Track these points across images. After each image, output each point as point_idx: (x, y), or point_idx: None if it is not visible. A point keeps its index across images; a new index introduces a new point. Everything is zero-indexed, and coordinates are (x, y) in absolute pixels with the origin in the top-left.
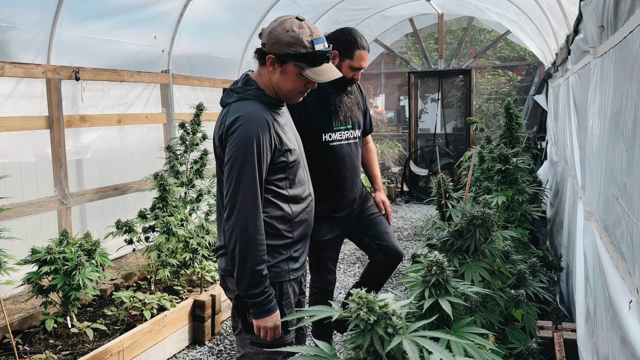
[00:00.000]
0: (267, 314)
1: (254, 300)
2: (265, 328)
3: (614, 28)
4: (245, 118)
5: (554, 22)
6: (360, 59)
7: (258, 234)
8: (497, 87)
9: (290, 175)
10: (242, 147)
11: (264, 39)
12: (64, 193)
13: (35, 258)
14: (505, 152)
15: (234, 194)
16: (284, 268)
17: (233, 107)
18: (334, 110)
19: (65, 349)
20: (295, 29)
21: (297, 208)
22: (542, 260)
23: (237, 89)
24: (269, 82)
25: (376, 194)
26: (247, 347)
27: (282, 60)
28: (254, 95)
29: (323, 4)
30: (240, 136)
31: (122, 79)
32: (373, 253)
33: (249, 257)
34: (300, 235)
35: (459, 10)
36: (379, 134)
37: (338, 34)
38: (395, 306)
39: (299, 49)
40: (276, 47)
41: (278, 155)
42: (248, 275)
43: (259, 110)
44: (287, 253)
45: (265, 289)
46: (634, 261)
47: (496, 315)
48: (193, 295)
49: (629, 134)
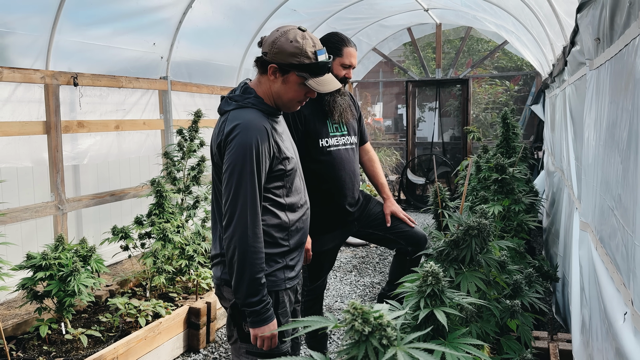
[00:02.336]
0: (264, 322)
1: (252, 309)
2: (262, 337)
3: (609, 41)
4: (245, 126)
5: (550, 33)
6: (349, 55)
7: (257, 242)
8: (495, 97)
9: (288, 184)
10: (242, 155)
11: (266, 48)
12: (60, 198)
13: (30, 264)
14: (502, 161)
15: (233, 201)
16: (280, 277)
17: (232, 115)
18: (328, 110)
19: (59, 355)
20: (299, 40)
21: (294, 216)
22: (538, 270)
23: (236, 96)
24: (269, 90)
25: (385, 204)
26: (242, 357)
27: (284, 70)
28: (252, 104)
29: (322, 13)
30: (239, 144)
31: (120, 85)
32: (394, 243)
33: (247, 265)
34: (296, 243)
35: (457, 20)
36: (377, 142)
37: (326, 37)
38: (390, 317)
39: (303, 60)
40: (279, 57)
41: (276, 164)
42: (246, 283)
43: (258, 118)
44: (283, 262)
45: (263, 297)
46: (629, 273)
47: (492, 326)
48: (188, 302)
49: (624, 146)
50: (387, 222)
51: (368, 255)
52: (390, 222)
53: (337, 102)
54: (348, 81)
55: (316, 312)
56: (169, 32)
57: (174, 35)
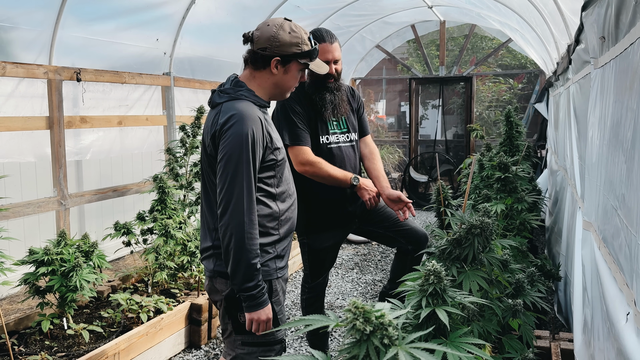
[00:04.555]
0: (260, 306)
1: (248, 293)
2: (258, 320)
3: (614, 39)
4: (239, 116)
5: (555, 31)
6: (323, 51)
7: (253, 228)
8: (498, 95)
9: (278, 174)
10: (238, 144)
11: (264, 44)
12: (62, 194)
13: (32, 259)
14: (505, 160)
15: (229, 189)
16: (272, 267)
17: (225, 107)
18: (320, 109)
19: (61, 350)
20: (295, 30)
21: (284, 206)
22: (541, 269)
23: (228, 89)
24: (266, 83)
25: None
26: (237, 349)
27: (286, 61)
28: (245, 96)
29: (325, 10)
30: (235, 133)
31: (123, 80)
32: (394, 241)
33: (245, 251)
34: (286, 232)
35: (461, 18)
36: (380, 139)
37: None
38: (391, 316)
39: (303, 47)
40: (282, 49)
41: (268, 153)
42: (243, 269)
43: (251, 109)
44: (274, 251)
45: (259, 282)
46: (632, 273)
47: (493, 325)
48: (190, 298)
49: (629, 146)
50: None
51: (370, 252)
52: (390, 220)
53: (326, 99)
54: (335, 75)
55: (317, 310)
56: (172, 28)
57: (177, 31)
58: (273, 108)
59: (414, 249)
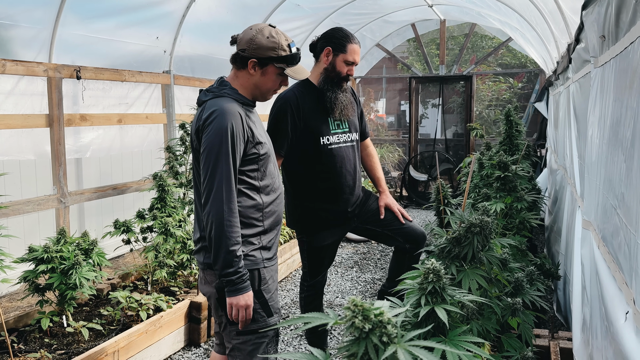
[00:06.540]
0: (239, 292)
1: (228, 278)
2: (237, 306)
3: (615, 38)
4: (220, 111)
5: (555, 30)
6: (353, 52)
7: (232, 216)
8: (498, 94)
9: (262, 167)
10: (218, 137)
11: (244, 46)
12: (62, 192)
13: (32, 256)
14: (505, 159)
15: (210, 180)
16: (257, 257)
17: (209, 104)
18: (329, 107)
19: (61, 348)
20: (274, 35)
21: (268, 199)
22: (540, 268)
23: (213, 88)
24: (247, 83)
25: (380, 197)
26: (233, 340)
27: (263, 63)
28: (228, 93)
29: (326, 8)
30: (215, 127)
31: (123, 78)
32: (392, 240)
33: (224, 238)
34: (271, 224)
35: (461, 17)
36: (379, 138)
37: (330, 32)
38: (390, 314)
39: (280, 52)
40: (259, 52)
41: (250, 147)
42: (223, 254)
43: (232, 105)
44: (259, 243)
45: (238, 269)
46: (631, 272)
47: (492, 324)
48: (189, 296)
49: (628, 145)
50: (381, 215)
51: (369, 251)
52: (388, 218)
53: (338, 99)
54: (350, 78)
55: (316, 308)
56: (172, 26)
57: (177, 29)
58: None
59: (411, 247)
